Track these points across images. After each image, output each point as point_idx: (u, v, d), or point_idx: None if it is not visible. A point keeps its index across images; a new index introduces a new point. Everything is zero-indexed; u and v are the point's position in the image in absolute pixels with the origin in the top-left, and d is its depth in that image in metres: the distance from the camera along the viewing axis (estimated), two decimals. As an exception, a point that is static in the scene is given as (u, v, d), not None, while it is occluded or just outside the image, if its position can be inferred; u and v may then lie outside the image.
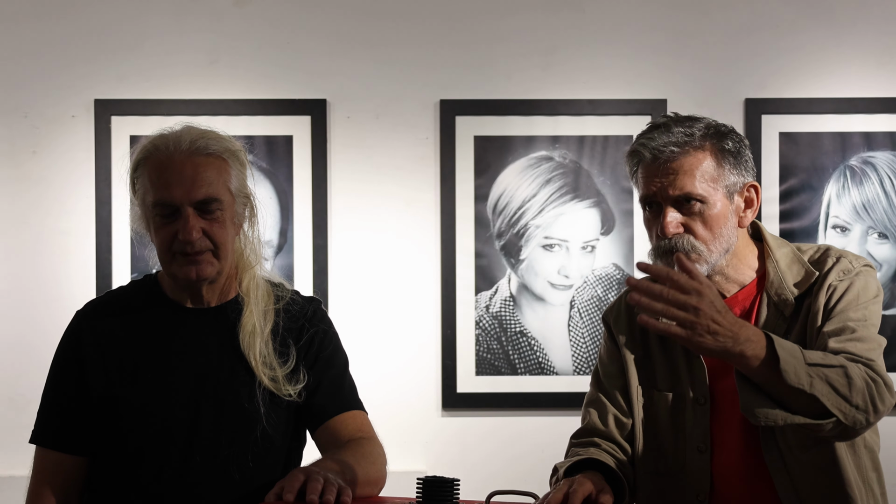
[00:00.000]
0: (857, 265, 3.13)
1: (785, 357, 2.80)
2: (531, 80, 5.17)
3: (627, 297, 2.90)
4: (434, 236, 5.16)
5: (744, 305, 3.18)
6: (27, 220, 5.14)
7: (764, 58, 5.18)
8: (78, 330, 3.24)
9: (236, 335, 3.19)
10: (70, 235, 5.13)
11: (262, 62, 5.16)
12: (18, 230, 5.14)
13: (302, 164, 5.14)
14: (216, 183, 3.14)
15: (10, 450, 4.75)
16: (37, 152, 5.13)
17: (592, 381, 3.33)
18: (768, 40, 5.18)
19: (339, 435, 3.21)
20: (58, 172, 5.14)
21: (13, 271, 5.13)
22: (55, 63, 5.14)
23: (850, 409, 2.88)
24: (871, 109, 5.13)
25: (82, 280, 5.10)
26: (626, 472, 3.14)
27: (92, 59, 5.14)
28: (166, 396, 3.15)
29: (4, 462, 4.88)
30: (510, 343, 5.13)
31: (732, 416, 3.10)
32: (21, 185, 5.14)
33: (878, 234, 5.12)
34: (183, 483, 3.12)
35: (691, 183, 3.08)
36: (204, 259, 3.13)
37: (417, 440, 5.09)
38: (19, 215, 5.14)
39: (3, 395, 5.04)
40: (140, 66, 5.14)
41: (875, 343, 3.03)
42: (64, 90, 5.14)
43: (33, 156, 5.13)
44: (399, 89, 5.16)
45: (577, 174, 5.14)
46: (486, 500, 2.86)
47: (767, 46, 5.17)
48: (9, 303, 5.12)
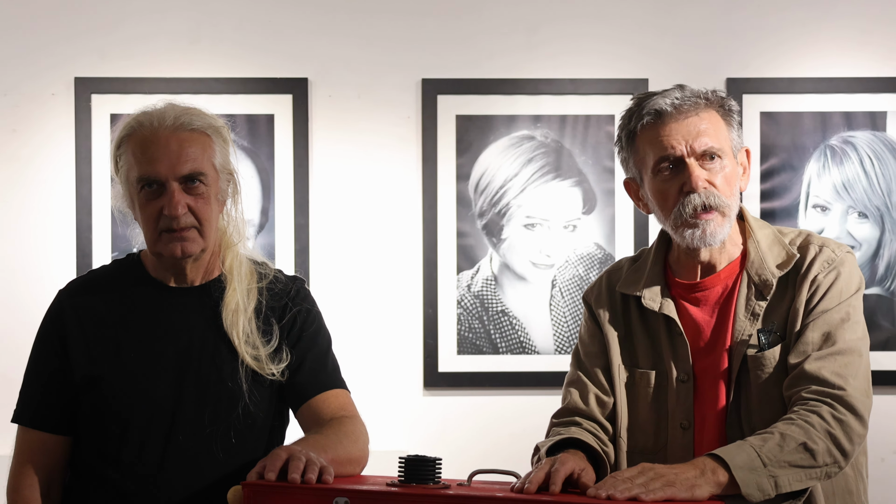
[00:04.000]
0: (839, 253, 3.14)
1: (744, 479, 2.83)
2: (513, 60, 5.18)
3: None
4: (416, 215, 5.17)
5: (726, 283, 3.19)
6: (6, 198, 5.13)
7: (745, 37, 5.19)
8: (60, 309, 3.23)
9: (219, 314, 3.19)
10: (50, 214, 5.13)
11: (244, 41, 5.16)
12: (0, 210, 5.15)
13: (283, 143, 5.14)
14: (201, 158, 3.14)
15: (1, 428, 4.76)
16: (16, 130, 5.13)
17: (573, 361, 3.33)
18: (750, 20, 5.19)
19: (322, 414, 3.21)
20: (38, 151, 5.13)
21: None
22: (35, 40, 5.13)
23: (820, 473, 2.93)
24: (852, 89, 5.14)
25: (63, 259, 5.10)
26: (608, 451, 3.14)
27: (72, 36, 5.13)
28: (149, 375, 3.15)
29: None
30: (492, 322, 5.14)
31: (714, 394, 3.13)
32: (1, 164, 5.14)
33: (857, 214, 5.14)
34: (166, 461, 3.12)
35: (715, 138, 3.11)
36: (189, 236, 3.13)
37: (399, 419, 5.11)
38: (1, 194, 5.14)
39: None
40: (121, 44, 5.13)
41: (854, 349, 3.05)
42: (44, 68, 5.13)
43: (13, 134, 5.13)
44: (381, 68, 5.17)
45: (559, 153, 5.15)
46: (468, 478, 2.87)
47: (749, 26, 5.19)
48: (-9, 282, 5.14)
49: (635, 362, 3.23)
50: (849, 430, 2.96)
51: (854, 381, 3.01)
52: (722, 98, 3.17)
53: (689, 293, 3.21)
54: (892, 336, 5.11)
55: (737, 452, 2.87)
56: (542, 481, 2.80)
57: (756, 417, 3.06)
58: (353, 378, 3.41)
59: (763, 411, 3.06)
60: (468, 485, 2.84)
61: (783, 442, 2.90)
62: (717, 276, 3.20)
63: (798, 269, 3.14)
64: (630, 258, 3.39)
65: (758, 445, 2.89)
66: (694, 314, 3.19)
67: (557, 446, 3.07)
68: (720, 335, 3.15)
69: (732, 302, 3.16)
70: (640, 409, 3.20)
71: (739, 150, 3.19)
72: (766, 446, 2.89)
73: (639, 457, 3.15)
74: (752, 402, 3.09)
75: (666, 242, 3.29)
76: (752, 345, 3.11)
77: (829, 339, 3.06)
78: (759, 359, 3.09)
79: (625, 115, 3.20)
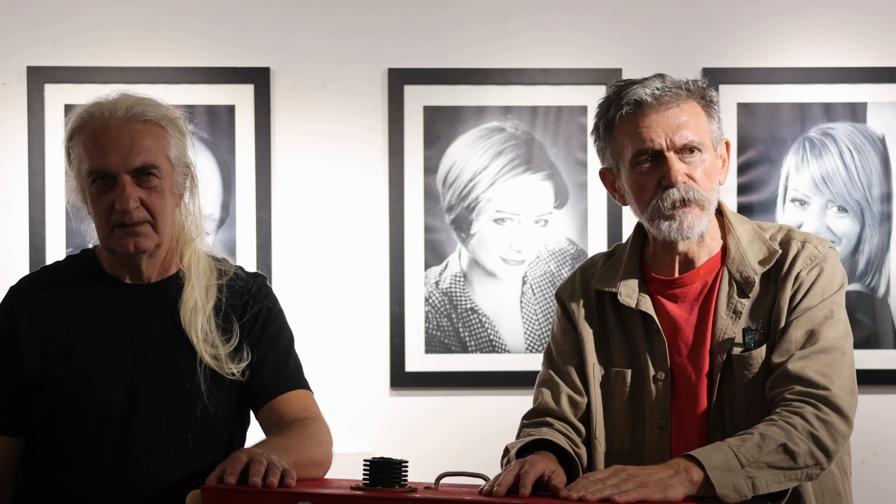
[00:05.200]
0: (822, 249, 3.16)
1: (719, 479, 2.85)
2: (482, 49, 5.19)
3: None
4: (382, 210, 5.18)
5: (705, 280, 3.20)
6: (-42, 192, 5.13)
7: (722, 26, 5.21)
8: (11, 307, 3.23)
9: (177, 312, 3.19)
10: (2, 208, 5.13)
11: (203, 28, 5.16)
12: (-52, 203, 5.13)
13: (244, 135, 5.14)
14: (154, 150, 3.14)
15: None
16: (-33, 121, 5.13)
17: (545, 361, 3.33)
18: (727, 7, 5.21)
19: (284, 415, 3.22)
20: (-11, 142, 5.14)
21: (-57, 246, 5.13)
22: (-15, 28, 5.14)
23: (801, 475, 2.96)
24: (831, 80, 5.17)
25: (15, 255, 5.10)
26: (580, 452, 3.15)
27: (25, 23, 5.13)
28: (104, 375, 3.15)
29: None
30: (460, 320, 5.15)
31: (693, 394, 3.14)
32: (-49, 156, 5.14)
33: (837, 208, 5.16)
34: (121, 463, 3.12)
35: (696, 130, 3.12)
36: (142, 231, 3.13)
37: (365, 420, 5.12)
38: (-50, 187, 5.14)
39: None
40: (75, 32, 5.13)
41: (837, 347, 3.07)
42: (-6, 56, 5.14)
43: (-37, 125, 5.13)
44: (346, 57, 5.17)
45: (530, 146, 5.16)
46: (435, 481, 2.88)
47: (725, 14, 5.21)
48: (-61, 279, 5.11)
49: (610, 361, 3.23)
50: (833, 431, 2.98)
51: (839, 380, 3.03)
52: (703, 89, 3.17)
53: (666, 289, 3.22)
54: (872, 333, 5.13)
55: (713, 453, 2.89)
56: (512, 484, 2.81)
57: (741, 419, 3.08)
58: (316, 378, 3.42)
59: (748, 412, 3.08)
60: (435, 488, 2.85)
61: (763, 443, 2.92)
62: (696, 271, 3.21)
63: (780, 266, 3.16)
64: (604, 253, 3.40)
65: (736, 446, 2.91)
66: (672, 311, 3.20)
67: (528, 448, 3.08)
68: (700, 333, 3.17)
69: (713, 299, 3.18)
70: (615, 410, 3.21)
71: (719, 142, 3.21)
72: (745, 447, 2.91)
73: (615, 458, 3.16)
74: (736, 404, 3.10)
75: (642, 237, 3.30)
76: (738, 344, 3.12)
77: (812, 337, 3.07)
78: (746, 359, 3.10)
79: (603, 103, 3.21)
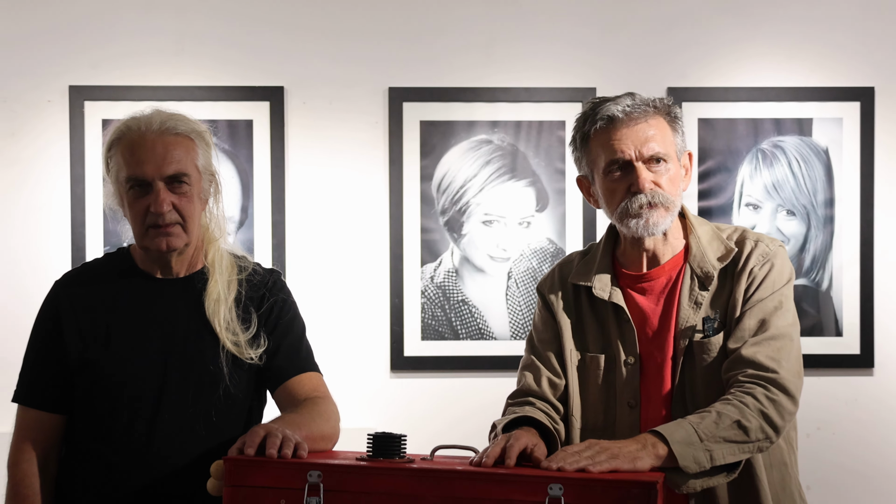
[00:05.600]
0: (773, 247, 3.17)
1: (681, 452, 2.85)
2: (472, 70, 5.17)
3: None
4: (383, 213, 5.16)
5: (670, 275, 3.20)
6: (7, 196, 5.10)
7: (684, 50, 5.19)
8: (56, 298, 3.23)
9: (202, 303, 3.20)
10: (47, 211, 5.10)
11: (225, 51, 5.14)
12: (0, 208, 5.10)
13: (261, 147, 5.12)
14: (184, 160, 3.15)
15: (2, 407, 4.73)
16: (15, 134, 5.09)
17: (527, 347, 3.33)
18: (688, 34, 5.20)
19: (297, 394, 3.23)
20: (35, 153, 5.10)
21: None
22: (32, 51, 5.10)
23: (753, 448, 2.97)
24: (781, 98, 5.15)
25: (59, 252, 5.07)
26: (558, 428, 3.15)
27: (67, 47, 5.10)
28: (137, 359, 3.15)
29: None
30: (453, 311, 5.14)
31: (659, 376, 3.14)
32: (2, 165, 5.10)
33: (786, 212, 5.15)
34: (153, 437, 3.13)
35: (662, 143, 3.12)
36: (173, 231, 3.14)
37: (368, 399, 5.10)
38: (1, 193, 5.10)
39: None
40: (111, 55, 5.11)
41: (785, 334, 3.08)
42: (40, 77, 5.10)
43: (12, 137, 5.09)
44: (351, 77, 5.15)
45: (514, 156, 5.14)
46: (430, 453, 2.88)
47: (687, 40, 5.19)
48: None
49: (586, 347, 3.23)
50: (780, 409, 2.99)
51: (786, 363, 3.04)
52: (668, 106, 3.18)
53: (635, 283, 3.22)
54: (817, 323, 5.13)
55: (676, 429, 2.89)
56: (499, 455, 2.82)
57: (700, 398, 3.08)
58: (325, 361, 3.41)
59: (707, 392, 3.08)
60: (431, 459, 2.86)
61: (719, 420, 2.92)
62: (661, 267, 3.21)
63: (736, 262, 3.17)
64: (580, 252, 3.39)
65: (695, 422, 2.91)
66: (640, 302, 3.20)
67: (512, 424, 3.08)
68: (665, 322, 3.17)
69: (677, 292, 3.18)
70: (590, 390, 3.21)
71: (683, 153, 3.21)
72: (704, 423, 2.91)
73: (590, 433, 3.17)
74: (696, 384, 3.11)
75: (614, 237, 3.30)
76: (698, 331, 3.12)
77: (763, 325, 3.08)
78: (705, 344, 3.11)
79: (580, 118, 3.20)
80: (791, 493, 3.17)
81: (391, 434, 2.84)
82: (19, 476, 3.18)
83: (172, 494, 3.10)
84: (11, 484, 3.19)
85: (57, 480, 3.21)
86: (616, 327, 3.19)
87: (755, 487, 3.08)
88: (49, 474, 3.20)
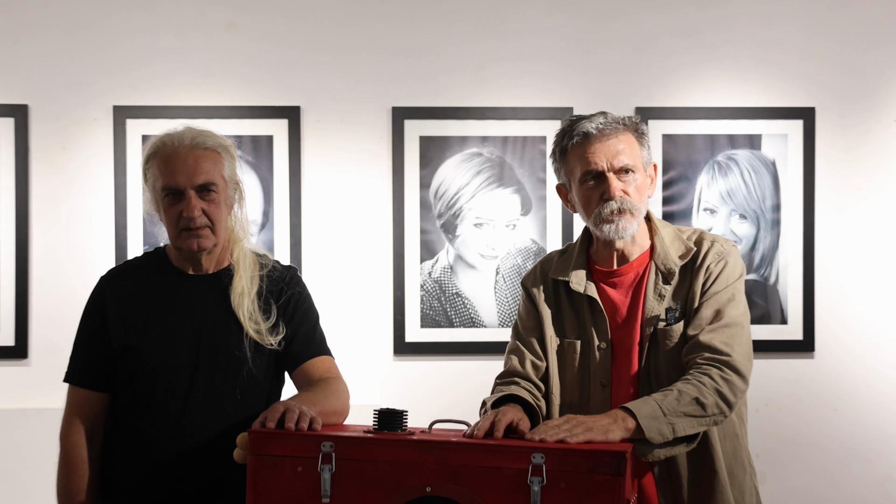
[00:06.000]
0: (727, 247, 3.18)
1: (647, 425, 2.86)
2: (465, 92, 5.17)
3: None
4: (387, 216, 5.15)
5: (637, 271, 3.20)
6: (59, 202, 5.10)
7: (650, 74, 5.19)
8: (101, 292, 3.24)
9: (228, 296, 3.20)
10: (93, 215, 5.10)
11: (248, 76, 5.13)
12: (52, 210, 5.09)
13: (280, 159, 5.11)
14: (212, 171, 3.15)
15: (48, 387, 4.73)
16: (66, 148, 5.09)
17: (513, 334, 3.33)
18: (653, 61, 5.20)
19: (311, 375, 3.23)
20: (83, 164, 5.09)
21: (48, 244, 5.09)
22: (81, 76, 5.10)
23: (709, 421, 2.97)
24: (734, 116, 5.15)
25: (103, 251, 5.07)
26: (540, 405, 3.15)
27: (111, 72, 5.10)
28: (172, 345, 3.16)
29: (50, 397, 4.84)
30: (448, 302, 5.13)
31: (628, 359, 3.14)
32: (53, 175, 5.10)
33: (739, 216, 5.15)
34: (185, 413, 3.13)
35: (630, 156, 3.12)
36: (203, 233, 3.15)
37: (374, 380, 5.10)
38: (52, 198, 5.10)
39: (42, 344, 5.01)
40: (150, 79, 5.10)
41: (737, 323, 3.08)
42: (88, 98, 5.09)
43: (63, 150, 5.08)
44: (359, 98, 5.15)
45: (502, 167, 5.14)
46: (428, 426, 2.89)
47: (653, 65, 5.19)
48: (45, 269, 5.09)
49: (564, 334, 3.23)
50: (733, 388, 2.99)
51: (738, 348, 3.05)
52: (636, 123, 3.17)
53: (607, 278, 3.22)
54: (765, 312, 5.13)
55: (642, 405, 2.89)
56: (488, 428, 2.82)
57: (664, 378, 3.08)
58: (336, 346, 3.40)
59: (670, 373, 3.08)
60: (429, 431, 2.87)
61: (680, 397, 2.92)
62: (630, 264, 3.21)
63: (695, 260, 3.16)
64: (559, 251, 3.38)
65: (659, 399, 2.92)
66: (611, 295, 3.20)
67: (500, 401, 3.08)
68: (633, 312, 3.16)
69: (643, 285, 3.17)
70: (568, 371, 3.20)
71: (649, 164, 3.20)
72: (667, 400, 2.91)
73: (567, 409, 3.17)
74: (660, 366, 3.11)
75: (588, 238, 3.30)
76: (662, 320, 3.12)
77: (718, 315, 3.08)
78: (668, 331, 3.11)
79: (559, 133, 3.20)
80: (742, 461, 3.17)
81: (394, 410, 2.85)
82: (70, 446, 3.18)
83: (202, 463, 3.10)
84: (63, 453, 3.20)
85: (102, 450, 3.22)
86: (590, 316, 3.19)
87: (711, 456, 3.07)
88: (95, 445, 3.20)
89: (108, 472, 3.20)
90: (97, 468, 3.20)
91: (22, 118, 5.07)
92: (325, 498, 2.73)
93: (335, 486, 2.73)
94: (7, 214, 5.06)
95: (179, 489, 3.12)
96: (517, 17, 5.21)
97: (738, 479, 3.15)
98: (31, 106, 5.09)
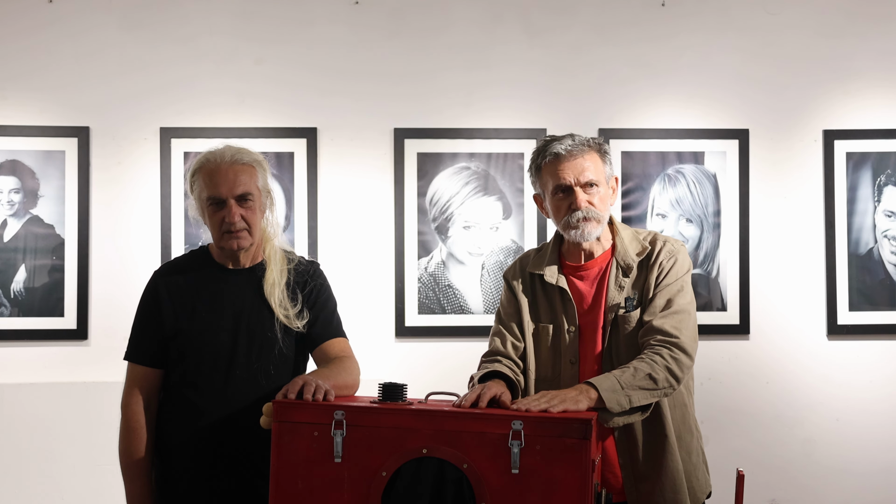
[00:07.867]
0: (677, 246, 3.17)
1: (608, 397, 2.85)
2: (456, 114, 5.13)
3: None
4: (389, 220, 5.14)
5: (601, 266, 3.19)
6: (114, 208, 5.08)
7: (612, 100, 5.14)
8: (155, 284, 3.24)
9: (262, 287, 3.20)
10: (142, 218, 5.07)
11: (274, 103, 5.11)
12: (109, 216, 5.07)
13: (300, 172, 5.09)
14: (249, 183, 3.15)
15: (111, 364, 4.72)
16: (121, 163, 5.08)
17: (496, 319, 3.32)
18: (614, 89, 5.16)
19: (328, 354, 3.23)
20: (135, 176, 5.08)
21: (105, 243, 5.06)
22: (133, 101, 5.07)
23: (660, 393, 2.96)
24: (682, 136, 5.12)
25: (151, 250, 5.05)
26: (520, 380, 3.15)
27: (158, 99, 5.07)
28: (215, 328, 3.16)
29: (107, 372, 4.84)
30: (441, 292, 5.13)
31: (593, 340, 3.13)
32: (110, 185, 5.08)
33: (686, 220, 5.14)
34: (227, 386, 3.14)
35: (595, 172, 3.10)
36: (242, 235, 3.15)
37: (379, 358, 5.07)
38: (110, 206, 5.07)
39: (105, 328, 4.96)
40: (191, 104, 5.08)
41: (685, 310, 3.07)
42: (139, 120, 5.08)
43: (118, 166, 5.08)
44: (366, 120, 5.12)
45: (487, 179, 5.13)
46: (425, 398, 2.91)
47: (614, 93, 5.15)
48: (102, 265, 5.06)
49: (539, 319, 3.23)
50: (681, 365, 2.99)
51: (686, 331, 3.05)
52: (600, 144, 3.16)
53: (575, 272, 3.23)
54: (708, 301, 5.12)
55: (604, 380, 2.89)
56: (474, 399, 2.83)
57: (623, 357, 3.08)
58: (347, 330, 3.40)
59: (628, 352, 3.08)
60: (425, 402, 2.89)
61: (635, 373, 2.93)
62: (595, 261, 3.21)
63: (650, 257, 3.16)
64: (535, 249, 3.39)
65: (618, 375, 2.92)
66: (579, 286, 3.20)
67: (485, 376, 3.09)
68: (597, 301, 3.16)
69: (606, 278, 3.17)
70: (542, 351, 3.20)
71: (611, 178, 3.20)
72: (624, 376, 2.91)
73: (541, 383, 3.17)
74: (620, 347, 3.11)
75: (560, 239, 3.30)
76: (622, 307, 3.12)
77: (669, 303, 3.08)
78: (627, 317, 3.11)
79: (535, 152, 3.20)
80: (689, 426, 3.17)
81: (396, 383, 2.86)
82: (130, 413, 3.18)
83: (241, 427, 3.10)
84: (124, 420, 3.20)
85: (157, 417, 3.23)
86: (561, 304, 3.19)
87: (662, 422, 3.07)
88: (152, 413, 3.21)
89: (162, 435, 3.21)
90: (153, 432, 3.20)
91: (84, 138, 5.05)
92: (337, 458, 2.74)
93: (346, 448, 2.75)
94: (71, 219, 5.04)
95: (222, 450, 3.12)
96: (500, 52, 5.20)
97: (686, 441, 3.14)
98: (91, 128, 5.07)
